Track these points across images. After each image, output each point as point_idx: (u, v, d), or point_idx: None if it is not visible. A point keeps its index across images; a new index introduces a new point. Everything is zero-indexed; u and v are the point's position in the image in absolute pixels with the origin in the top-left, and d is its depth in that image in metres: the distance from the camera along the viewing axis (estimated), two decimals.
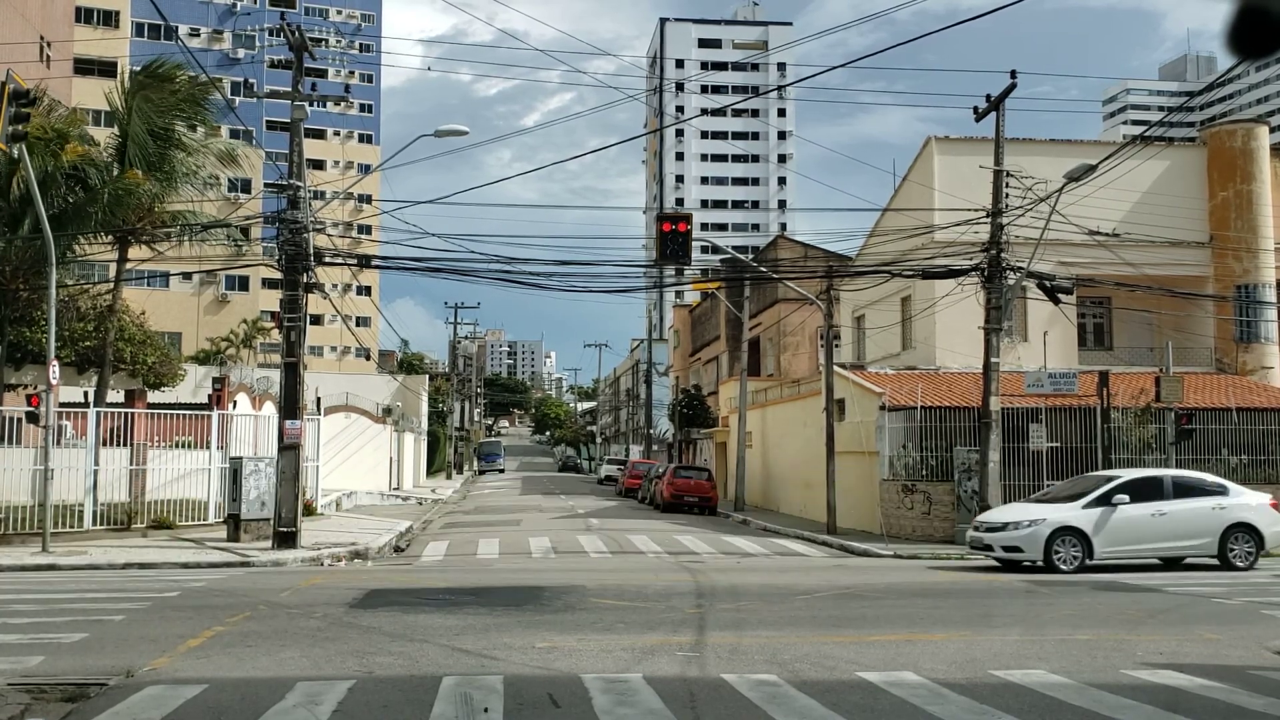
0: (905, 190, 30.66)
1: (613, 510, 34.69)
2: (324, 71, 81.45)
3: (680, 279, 59.64)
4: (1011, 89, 20.01)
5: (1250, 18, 2.89)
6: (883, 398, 24.45)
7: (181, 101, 23.62)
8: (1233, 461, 23.52)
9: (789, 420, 33.89)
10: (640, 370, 70.43)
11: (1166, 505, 16.58)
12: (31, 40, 35.22)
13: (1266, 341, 29.80)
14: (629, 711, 6.96)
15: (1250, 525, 16.64)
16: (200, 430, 22.40)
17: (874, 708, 7.22)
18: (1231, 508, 16.71)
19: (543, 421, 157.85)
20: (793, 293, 36.27)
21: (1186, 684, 8.01)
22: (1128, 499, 16.39)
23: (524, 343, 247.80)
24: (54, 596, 12.78)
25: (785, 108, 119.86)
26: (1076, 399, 23.53)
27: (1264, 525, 16.70)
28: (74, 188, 22.26)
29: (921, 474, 23.54)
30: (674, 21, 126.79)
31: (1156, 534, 16.53)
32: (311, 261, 19.13)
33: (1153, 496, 16.65)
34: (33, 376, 25.89)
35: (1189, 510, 16.64)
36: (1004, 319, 21.06)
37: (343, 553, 18.83)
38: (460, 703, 7.16)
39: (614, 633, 10.13)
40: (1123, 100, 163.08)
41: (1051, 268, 21.95)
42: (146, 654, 8.90)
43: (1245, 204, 29.61)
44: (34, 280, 22.98)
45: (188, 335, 50.02)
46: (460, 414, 77.48)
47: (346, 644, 9.41)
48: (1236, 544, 16.59)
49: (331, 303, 32.42)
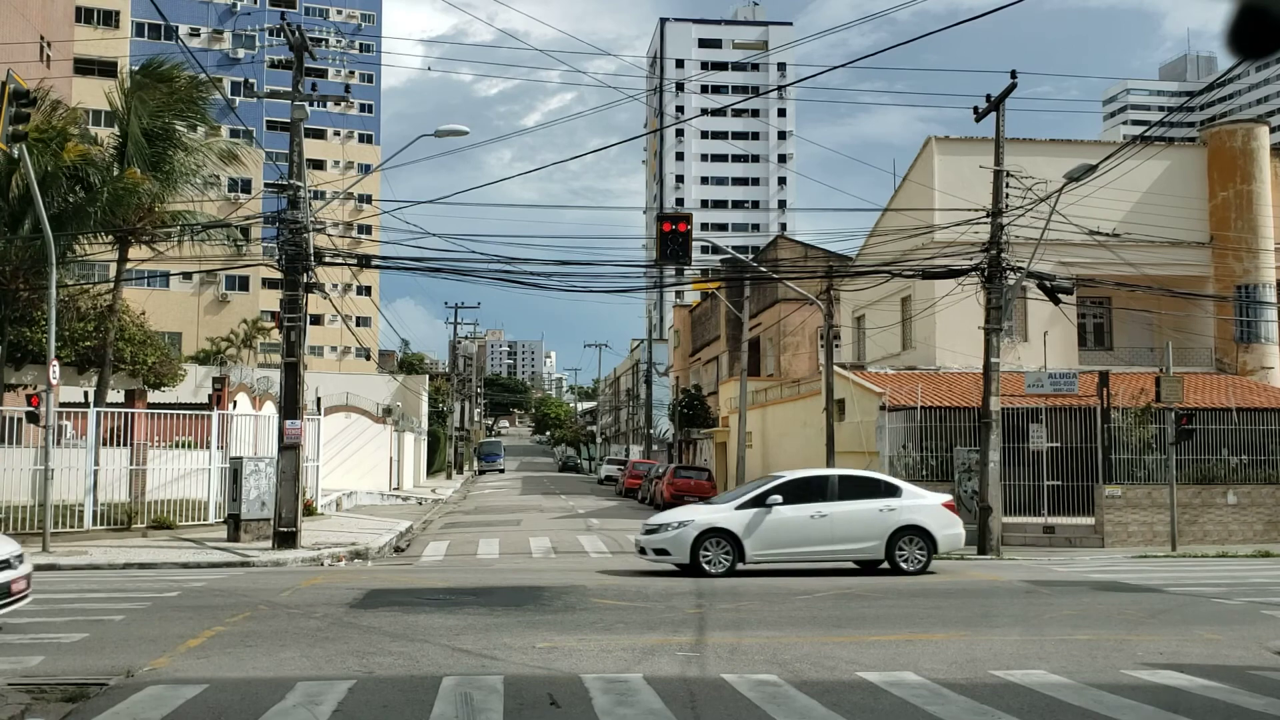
0: (905, 190, 30.66)
1: (613, 510, 34.69)
2: (324, 71, 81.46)
3: (680, 279, 59.67)
4: (1011, 89, 20.01)
5: (1250, 18, 2.89)
6: (883, 398, 24.45)
7: (181, 101, 23.63)
8: (1233, 461, 23.53)
9: (789, 420, 33.89)
10: (640, 370, 70.43)
11: (829, 507, 15.64)
12: (32, 40, 35.22)
13: (1266, 341, 29.81)
14: (629, 711, 6.96)
15: (921, 527, 15.70)
16: (200, 430, 22.40)
17: (874, 708, 7.21)
18: (901, 509, 15.78)
19: (543, 421, 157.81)
20: (793, 293, 36.27)
21: (1187, 684, 8.01)
22: (781, 499, 15.50)
23: (524, 343, 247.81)
24: (54, 596, 12.79)
25: (785, 108, 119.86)
26: (1076, 399, 23.53)
27: (936, 528, 15.78)
28: (74, 187, 22.27)
29: (922, 474, 23.52)
30: (674, 21, 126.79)
31: (816, 536, 15.56)
32: (311, 261, 19.13)
33: (815, 498, 15.75)
34: (33, 376, 25.90)
35: (853, 512, 15.68)
36: (1004, 319, 21.06)
37: (343, 553, 18.83)
38: (460, 703, 7.16)
39: (614, 633, 10.13)
40: (1123, 100, 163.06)
41: (1051, 268, 21.95)
42: (146, 654, 8.90)
43: (1245, 204, 29.62)
44: (34, 280, 22.99)
45: (188, 335, 50.02)
46: (460, 414, 77.49)
47: (347, 644, 9.41)
48: (906, 547, 15.65)
49: (332, 303, 32.44)
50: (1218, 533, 22.46)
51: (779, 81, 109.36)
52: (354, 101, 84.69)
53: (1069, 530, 22.14)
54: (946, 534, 15.92)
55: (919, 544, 15.71)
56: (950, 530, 16.00)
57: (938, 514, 16.00)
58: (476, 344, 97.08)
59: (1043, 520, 22.36)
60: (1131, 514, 22.08)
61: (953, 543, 16.15)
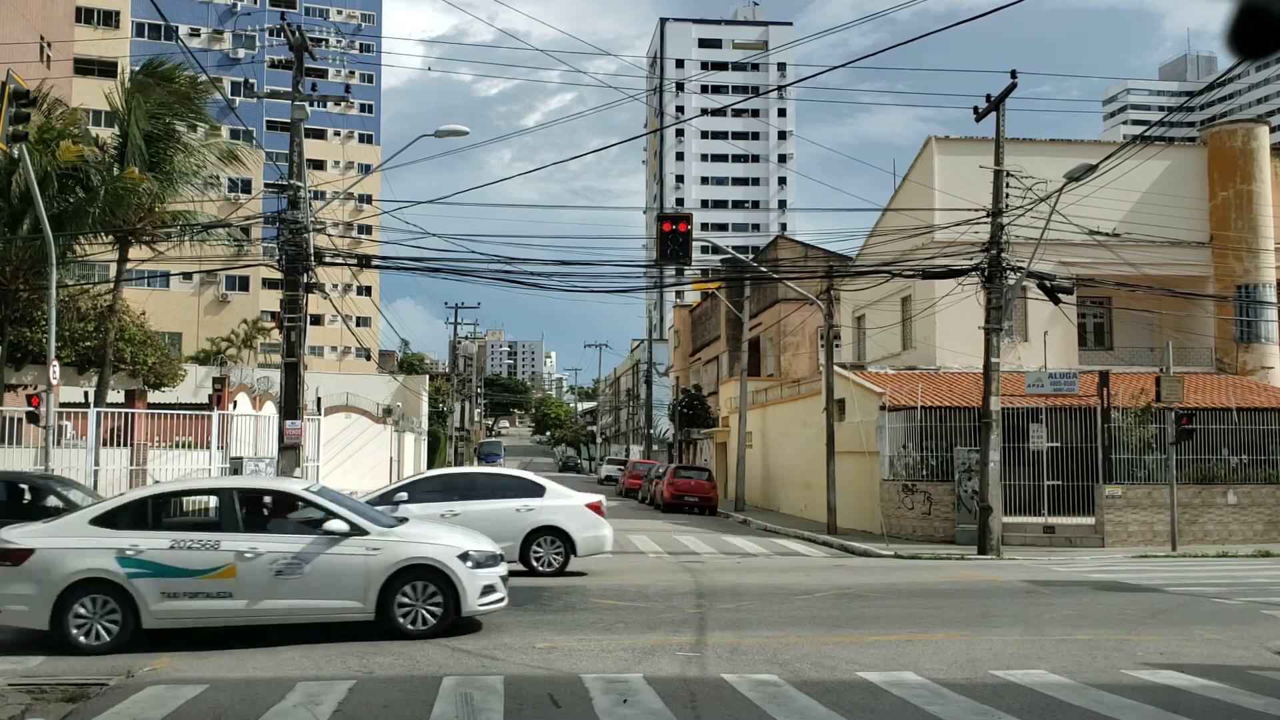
0: (905, 190, 30.66)
1: (613, 510, 34.48)
2: (324, 71, 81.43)
3: (680, 279, 59.67)
4: (1012, 89, 20.00)
5: (1250, 18, 2.89)
6: (883, 398, 24.45)
7: (181, 101, 23.63)
8: (1233, 461, 23.52)
9: (789, 420, 33.89)
10: (640, 370, 70.45)
11: (462, 505, 15.19)
12: (32, 40, 35.22)
13: (1267, 341, 29.80)
14: (629, 711, 6.97)
15: (559, 529, 15.33)
16: (200, 430, 22.41)
17: (875, 708, 7.22)
18: (539, 510, 15.40)
19: (543, 421, 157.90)
20: (793, 293, 36.27)
21: (1187, 684, 8.01)
22: (407, 497, 15.01)
23: (524, 343, 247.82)
24: None
25: (785, 108, 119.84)
26: (1077, 399, 23.52)
27: (575, 530, 15.39)
28: (74, 187, 22.27)
29: (922, 474, 23.53)
30: (674, 21, 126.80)
31: None
32: (312, 261, 19.12)
33: (450, 496, 15.39)
34: (33, 377, 25.90)
35: (488, 511, 15.15)
36: (1004, 319, 21.05)
37: None
38: (460, 703, 7.16)
39: (614, 633, 10.13)
40: (1123, 100, 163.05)
41: (1052, 268, 21.95)
42: (147, 654, 8.89)
43: (1245, 204, 29.61)
44: (34, 280, 23.00)
45: (188, 335, 50.02)
46: (460, 414, 77.48)
47: (346, 644, 9.42)
48: (542, 548, 15.26)
49: (332, 303, 32.43)
50: (1218, 533, 22.45)
51: (779, 81, 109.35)
52: (354, 101, 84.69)
53: (1069, 530, 22.14)
54: (585, 536, 15.42)
55: (556, 545, 15.27)
56: (591, 532, 15.49)
57: (578, 516, 15.48)
58: (476, 344, 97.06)
59: (1043, 520, 22.35)
60: (1131, 514, 22.08)
61: (594, 545, 15.62)
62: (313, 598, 9.79)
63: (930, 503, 23.02)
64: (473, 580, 10.08)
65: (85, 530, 9.71)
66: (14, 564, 9.41)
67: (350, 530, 9.98)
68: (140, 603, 9.44)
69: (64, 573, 9.40)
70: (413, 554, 10.03)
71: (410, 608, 9.95)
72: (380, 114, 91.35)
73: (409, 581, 9.95)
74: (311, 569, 9.75)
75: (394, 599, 9.89)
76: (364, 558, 9.90)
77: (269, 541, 9.83)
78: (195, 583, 9.56)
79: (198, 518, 10.71)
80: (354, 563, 9.87)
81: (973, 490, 21.35)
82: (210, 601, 9.61)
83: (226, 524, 9.89)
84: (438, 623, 9.94)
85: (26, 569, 9.39)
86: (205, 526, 10.09)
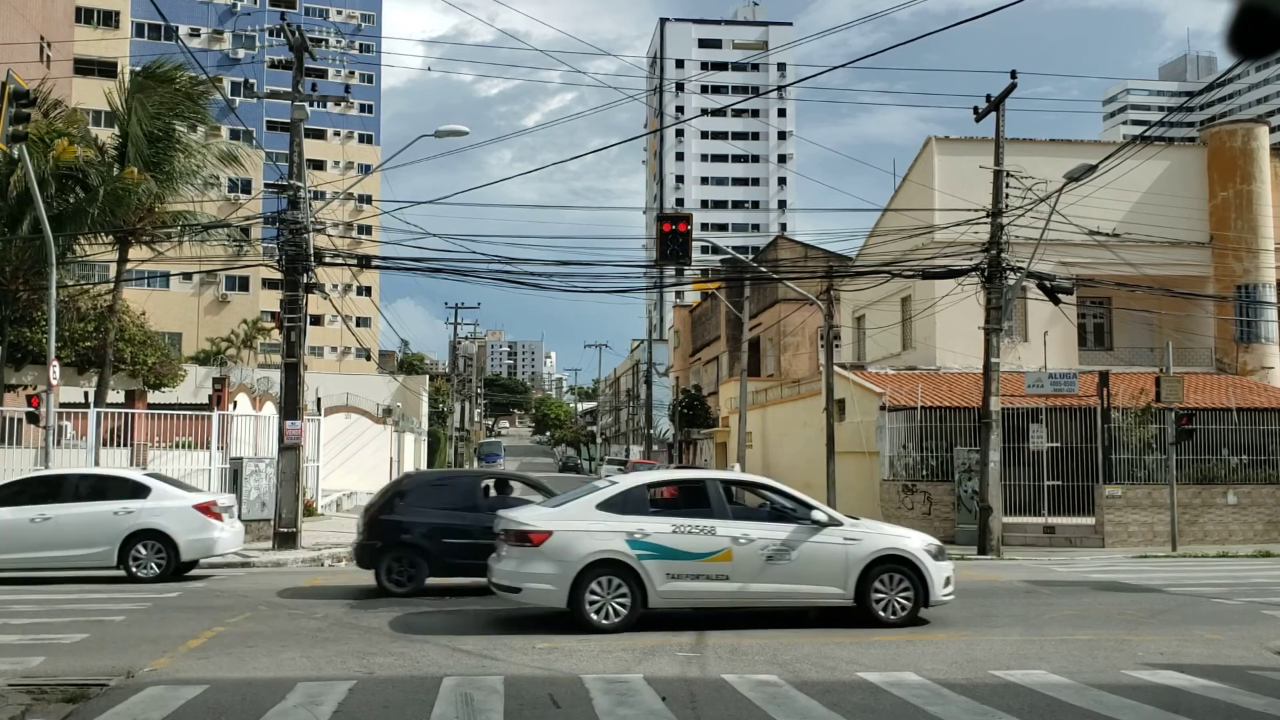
0: (905, 190, 30.67)
1: None
2: (324, 72, 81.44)
3: (680, 279, 59.60)
4: (1012, 89, 20.01)
5: (1250, 18, 2.89)
6: (883, 398, 24.46)
7: (182, 102, 23.63)
8: (1233, 461, 23.53)
9: (789, 420, 33.89)
10: (640, 370, 70.44)
11: (54, 509, 14.37)
12: (32, 40, 35.23)
13: (1267, 341, 29.81)
14: (629, 712, 6.96)
15: (160, 531, 14.43)
16: (200, 431, 22.41)
17: (875, 708, 7.21)
18: (140, 512, 14.46)
19: (543, 422, 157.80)
20: (793, 293, 36.28)
21: (1187, 684, 8.01)
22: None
23: (524, 343, 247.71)
24: (54, 597, 12.79)
25: (785, 108, 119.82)
26: (1077, 399, 23.53)
27: (179, 533, 14.52)
28: (73, 187, 22.27)
29: (922, 474, 23.54)
30: (674, 22, 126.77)
31: (35, 542, 14.21)
32: (312, 262, 19.13)
33: (47, 499, 14.53)
34: (33, 377, 25.90)
35: (83, 515, 14.39)
36: (1004, 319, 21.06)
37: (343, 553, 18.81)
38: (461, 703, 7.16)
39: (614, 633, 10.12)
40: (1123, 100, 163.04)
41: (1051, 268, 21.95)
42: (147, 654, 8.90)
43: (1245, 204, 29.62)
44: (34, 280, 23.00)
45: (188, 336, 50.01)
46: (460, 414, 77.45)
47: (347, 644, 9.42)
48: (143, 552, 14.37)
49: (332, 303, 32.42)
50: (1218, 533, 22.45)
51: (779, 81, 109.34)
52: (354, 102, 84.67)
53: (1069, 530, 22.14)
54: (192, 539, 14.61)
55: (157, 549, 14.45)
56: (198, 535, 14.68)
57: (181, 518, 14.63)
58: (476, 344, 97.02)
59: (1043, 520, 22.36)
60: (1132, 514, 22.08)
61: (200, 549, 14.84)
62: (798, 582, 10.43)
63: (930, 503, 23.03)
64: (939, 572, 10.66)
65: (594, 514, 10.33)
66: (534, 545, 10.04)
67: (828, 520, 10.62)
68: (648, 583, 10.10)
69: (581, 553, 10.01)
70: (887, 545, 10.63)
71: (884, 596, 10.54)
72: (380, 114, 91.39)
73: (884, 572, 10.52)
74: (798, 555, 10.38)
75: (870, 587, 10.48)
76: (843, 546, 10.49)
77: (758, 528, 10.46)
78: (696, 565, 10.19)
79: (686, 504, 11.12)
80: (835, 551, 10.46)
81: (973, 490, 21.35)
82: (709, 584, 10.25)
83: (716, 511, 10.51)
84: (907, 615, 10.52)
85: (545, 549, 10.01)
86: (695, 513, 10.57)
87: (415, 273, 21.12)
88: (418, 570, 13.08)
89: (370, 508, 14.06)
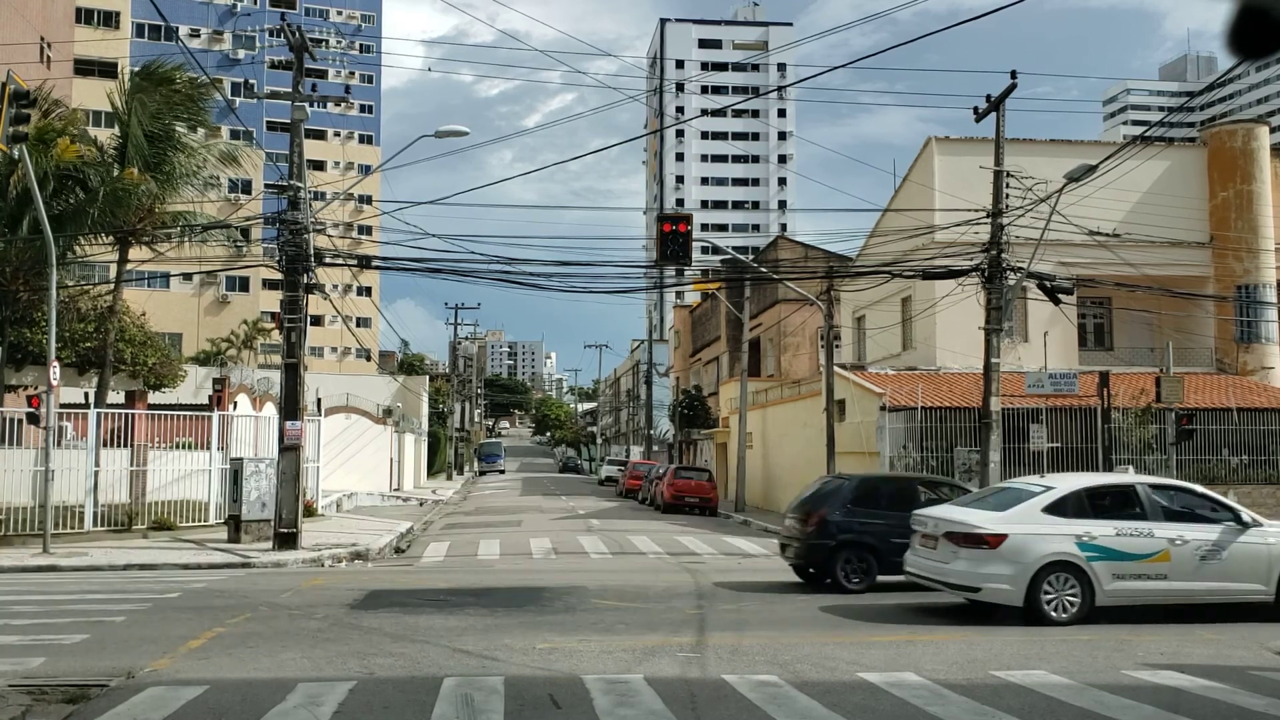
0: (906, 190, 30.67)
1: (613, 511, 34.67)
2: (324, 72, 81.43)
3: (680, 279, 59.49)
4: (1012, 89, 20.00)
5: (1250, 18, 2.89)
6: (883, 398, 24.46)
7: (182, 102, 23.62)
8: (1233, 461, 23.54)
9: (790, 421, 33.89)
10: (640, 371, 70.43)
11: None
12: (32, 41, 35.22)
13: (1267, 341, 29.82)
14: (630, 712, 6.96)
15: None
16: (201, 431, 22.41)
17: (875, 708, 7.22)
18: None
19: (543, 422, 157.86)
20: (793, 293, 36.27)
21: (1187, 684, 8.01)
22: None
23: (524, 343, 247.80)
24: (55, 598, 12.78)
25: (785, 108, 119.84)
26: (1077, 399, 23.54)
27: None
28: (73, 188, 22.27)
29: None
30: (674, 22, 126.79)
31: None
32: (312, 262, 19.13)
33: None
34: (33, 377, 25.89)
35: None
36: (1004, 319, 21.05)
37: (343, 554, 18.83)
38: (461, 704, 7.16)
39: (615, 634, 10.13)
40: (1123, 100, 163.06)
41: (1051, 268, 21.95)
42: (147, 655, 8.90)
43: (1245, 204, 29.62)
44: (34, 281, 22.98)
45: (188, 336, 50.02)
46: (461, 415, 77.46)
47: (347, 645, 9.42)
48: None
49: (332, 303, 32.43)
50: None
51: (779, 82, 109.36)
52: (354, 102, 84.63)
53: None
54: None
55: None
56: None
57: None
58: (476, 345, 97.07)
59: None
60: None
61: None
62: (1226, 580, 11.07)
63: None
64: None
65: (1040, 518, 11.01)
66: (991, 547, 10.77)
67: (1252, 522, 11.31)
68: (1096, 584, 10.79)
69: (1036, 555, 10.73)
70: None
71: None
72: (380, 114, 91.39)
73: None
74: (1227, 555, 11.06)
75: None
76: (1266, 546, 11.19)
77: (1189, 529, 11.10)
78: (1138, 566, 10.89)
79: (1116, 507, 11.45)
80: (1259, 550, 11.15)
81: None
82: (1150, 583, 10.95)
83: (1149, 514, 11.16)
84: None
85: (1002, 551, 10.75)
86: (1129, 515, 11.18)
87: (415, 273, 21.13)
88: (869, 568, 13.84)
89: (809, 509, 14.66)
